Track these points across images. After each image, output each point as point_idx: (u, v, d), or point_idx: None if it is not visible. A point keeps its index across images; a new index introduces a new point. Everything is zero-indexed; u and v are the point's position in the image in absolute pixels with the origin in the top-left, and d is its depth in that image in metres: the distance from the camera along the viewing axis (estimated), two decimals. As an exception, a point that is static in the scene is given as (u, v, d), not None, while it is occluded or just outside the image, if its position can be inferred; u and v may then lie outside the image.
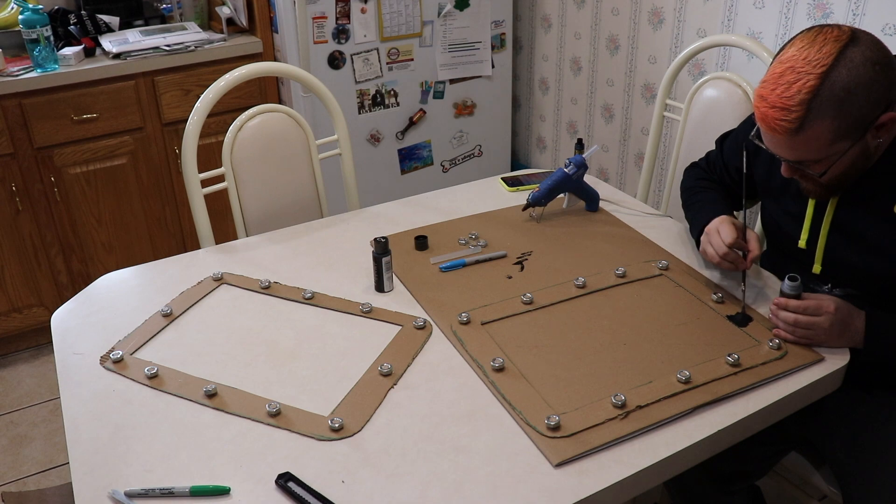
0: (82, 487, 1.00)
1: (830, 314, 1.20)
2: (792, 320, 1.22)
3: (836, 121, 1.10)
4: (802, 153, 1.15)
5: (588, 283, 1.40)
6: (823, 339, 1.22)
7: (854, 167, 1.18)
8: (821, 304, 1.21)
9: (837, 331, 1.21)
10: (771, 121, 1.13)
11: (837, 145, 1.13)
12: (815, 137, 1.12)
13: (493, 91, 2.94)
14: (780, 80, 1.11)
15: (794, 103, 1.09)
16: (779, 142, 1.15)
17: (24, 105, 2.27)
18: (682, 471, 1.08)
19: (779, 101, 1.11)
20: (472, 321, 1.30)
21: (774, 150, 1.19)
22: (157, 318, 1.34)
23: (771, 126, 1.13)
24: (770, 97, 1.12)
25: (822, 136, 1.11)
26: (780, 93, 1.11)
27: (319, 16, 2.50)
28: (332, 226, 1.67)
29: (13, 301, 2.47)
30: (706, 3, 2.20)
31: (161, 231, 2.65)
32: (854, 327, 1.22)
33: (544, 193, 1.62)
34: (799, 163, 1.18)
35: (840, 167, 1.17)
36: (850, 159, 1.16)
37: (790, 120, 1.10)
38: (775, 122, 1.12)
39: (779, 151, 1.18)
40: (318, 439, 1.07)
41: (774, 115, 1.12)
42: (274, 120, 1.78)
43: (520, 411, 1.10)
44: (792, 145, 1.14)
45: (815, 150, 1.14)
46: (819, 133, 1.11)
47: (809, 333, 1.21)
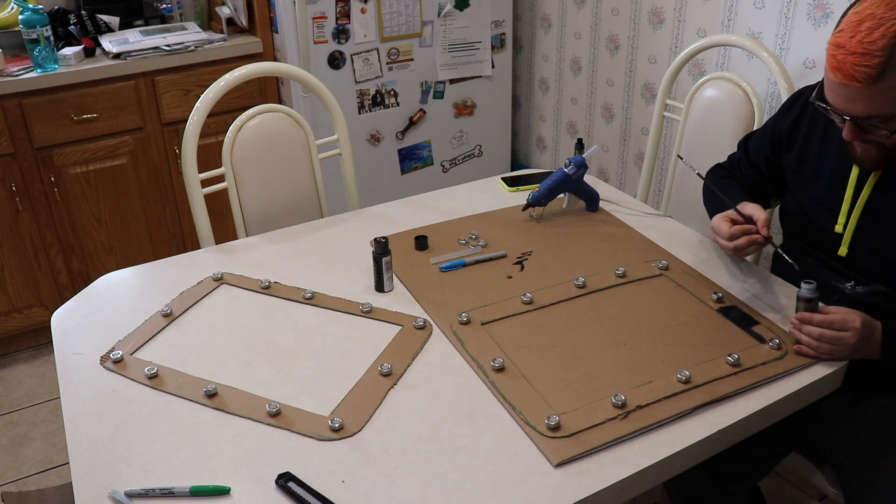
0: (82, 487, 1.00)
1: (857, 329, 1.17)
2: (817, 335, 1.18)
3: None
4: (877, 106, 1.10)
5: (588, 283, 1.40)
6: (848, 354, 1.19)
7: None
8: (846, 318, 1.18)
9: (861, 346, 1.19)
10: (850, 67, 1.08)
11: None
12: (892, 87, 1.07)
13: (493, 91, 2.94)
14: (859, 27, 1.07)
15: (877, 48, 1.05)
16: (853, 93, 1.10)
17: (24, 105, 2.27)
18: (682, 471, 1.08)
19: (860, 46, 1.06)
20: (472, 321, 1.30)
21: (845, 104, 1.13)
22: (157, 318, 1.34)
23: (849, 74, 1.08)
24: (849, 44, 1.08)
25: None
26: (860, 38, 1.06)
27: (319, 16, 2.50)
28: (332, 226, 1.67)
29: (13, 301, 2.47)
30: (706, 3, 2.20)
31: (161, 231, 2.65)
32: (874, 340, 1.20)
33: (544, 193, 1.62)
34: (869, 119, 1.13)
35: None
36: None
37: (872, 66, 1.06)
38: (855, 68, 1.07)
39: (850, 105, 1.13)
40: (318, 439, 1.07)
41: (854, 62, 1.07)
42: (274, 120, 1.78)
43: (520, 411, 1.10)
44: (868, 96, 1.09)
45: (891, 103, 1.09)
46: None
47: (834, 349, 1.18)
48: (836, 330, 1.17)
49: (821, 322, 1.18)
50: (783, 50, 1.99)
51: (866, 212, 1.27)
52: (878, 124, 1.14)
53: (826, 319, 1.18)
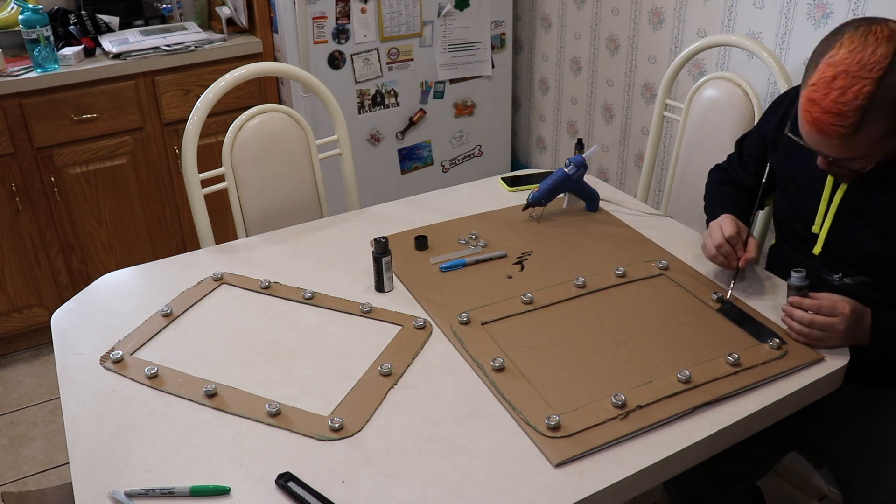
0: (82, 487, 1.00)
1: (846, 315, 1.19)
2: (808, 320, 1.20)
3: (888, 121, 1.09)
4: (852, 151, 1.14)
5: (588, 283, 1.40)
6: (838, 341, 1.21)
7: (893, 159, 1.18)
8: (835, 304, 1.20)
9: (851, 333, 1.20)
10: (825, 126, 1.11)
11: (886, 142, 1.12)
12: (868, 138, 1.11)
13: (493, 91, 2.94)
14: (833, 85, 1.09)
15: (850, 109, 1.08)
16: (829, 143, 1.14)
17: (24, 105, 2.27)
18: (682, 471, 1.08)
19: (834, 106, 1.09)
20: (473, 321, 1.30)
21: (819, 149, 1.17)
22: (157, 318, 1.34)
23: (824, 131, 1.11)
24: (824, 102, 1.10)
25: (873, 137, 1.11)
26: (834, 98, 1.09)
27: (319, 16, 2.50)
28: (332, 226, 1.67)
29: (13, 301, 2.47)
30: (706, 3, 2.20)
31: (161, 231, 2.65)
32: (864, 327, 1.22)
33: (544, 193, 1.62)
34: (844, 160, 1.17)
35: (880, 159, 1.17)
36: (891, 152, 1.16)
37: (846, 126, 1.09)
38: (830, 126, 1.10)
39: (826, 150, 1.17)
40: (318, 439, 1.07)
41: (829, 121, 1.10)
42: (274, 120, 1.78)
43: (520, 411, 1.10)
44: (842, 146, 1.13)
45: (865, 148, 1.13)
46: (871, 134, 1.10)
47: (824, 335, 1.20)
48: (825, 315, 1.19)
49: (810, 307, 1.20)
50: (783, 50, 1.99)
51: (842, 209, 1.29)
52: (851, 163, 1.17)
53: (815, 305, 1.20)
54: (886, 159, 1.19)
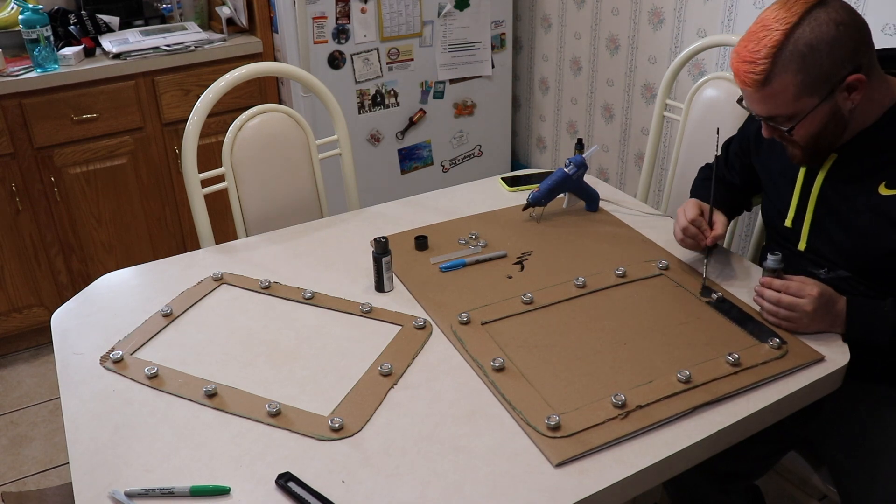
0: (82, 487, 1.00)
1: (813, 297, 1.23)
2: (775, 299, 1.25)
3: (799, 75, 1.16)
4: (771, 107, 1.21)
5: (588, 283, 1.40)
6: (806, 323, 1.24)
7: (827, 129, 1.22)
8: (803, 286, 1.24)
9: (820, 315, 1.24)
10: (742, 74, 1.20)
11: (803, 101, 1.18)
12: (782, 91, 1.18)
13: (493, 91, 2.94)
14: (751, 37, 1.19)
15: (760, 57, 1.17)
16: (749, 95, 1.22)
17: (24, 105, 2.27)
18: (682, 471, 1.08)
19: (748, 55, 1.18)
20: (473, 321, 1.30)
21: (750, 105, 1.25)
22: (157, 318, 1.34)
23: (742, 79, 1.20)
24: (742, 52, 1.20)
25: (788, 90, 1.17)
26: (750, 48, 1.18)
27: (319, 16, 2.50)
28: (332, 226, 1.67)
29: (13, 301, 2.47)
30: (706, 3, 2.20)
31: (161, 231, 2.65)
32: (836, 311, 1.25)
33: (544, 193, 1.62)
34: (771, 119, 1.23)
35: (811, 126, 1.21)
36: (820, 118, 1.20)
37: (757, 72, 1.17)
38: (745, 74, 1.19)
39: (751, 105, 1.24)
40: (318, 439, 1.07)
41: (744, 69, 1.19)
42: (274, 120, 1.78)
43: (520, 411, 1.10)
44: (761, 98, 1.20)
45: (783, 105, 1.19)
46: (784, 86, 1.17)
47: (793, 316, 1.24)
48: (792, 295, 1.24)
49: (779, 287, 1.25)
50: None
51: (819, 205, 1.32)
52: (780, 124, 1.23)
53: (784, 285, 1.25)
54: (825, 131, 1.23)
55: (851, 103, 1.19)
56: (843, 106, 1.19)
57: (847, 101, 1.19)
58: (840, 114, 1.20)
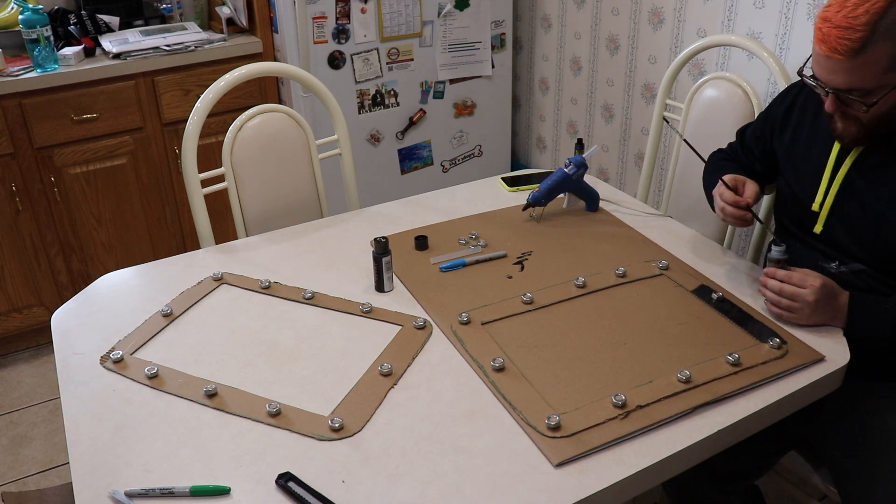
0: (82, 487, 1.00)
1: (815, 288, 1.23)
2: (777, 289, 1.25)
3: (895, 47, 1.10)
4: (857, 78, 1.15)
5: (588, 283, 1.40)
6: (808, 314, 1.24)
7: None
8: (806, 277, 1.24)
9: (822, 307, 1.24)
10: (834, 40, 1.12)
11: (890, 75, 1.13)
12: (874, 62, 1.12)
13: (493, 91, 2.94)
14: (845, 3, 1.12)
15: (859, 23, 1.10)
16: (835, 65, 1.15)
17: (24, 105, 2.27)
18: (682, 471, 1.08)
19: (844, 20, 1.11)
20: (473, 321, 1.30)
21: (828, 76, 1.18)
22: (157, 318, 1.34)
23: (833, 46, 1.13)
24: (835, 17, 1.12)
25: (880, 62, 1.12)
26: (846, 13, 1.11)
27: (319, 16, 2.50)
28: (332, 226, 1.67)
29: (13, 301, 2.47)
30: (706, 3, 2.20)
31: (161, 231, 2.65)
32: (837, 305, 1.25)
33: (544, 193, 1.62)
34: (849, 91, 1.17)
35: (887, 103, 1.17)
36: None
37: (854, 39, 1.11)
38: (838, 41, 1.12)
39: (832, 77, 1.17)
40: (318, 439, 1.07)
41: (838, 35, 1.12)
42: (274, 120, 1.78)
43: (520, 411, 1.10)
44: (849, 68, 1.14)
45: (871, 77, 1.14)
46: (878, 57, 1.12)
47: (794, 306, 1.24)
48: (795, 286, 1.24)
49: (782, 277, 1.25)
50: (783, 50, 1.99)
51: (843, 189, 1.30)
52: (857, 98, 1.18)
53: (787, 275, 1.25)
54: (891, 111, 1.18)
55: None
56: None
57: None
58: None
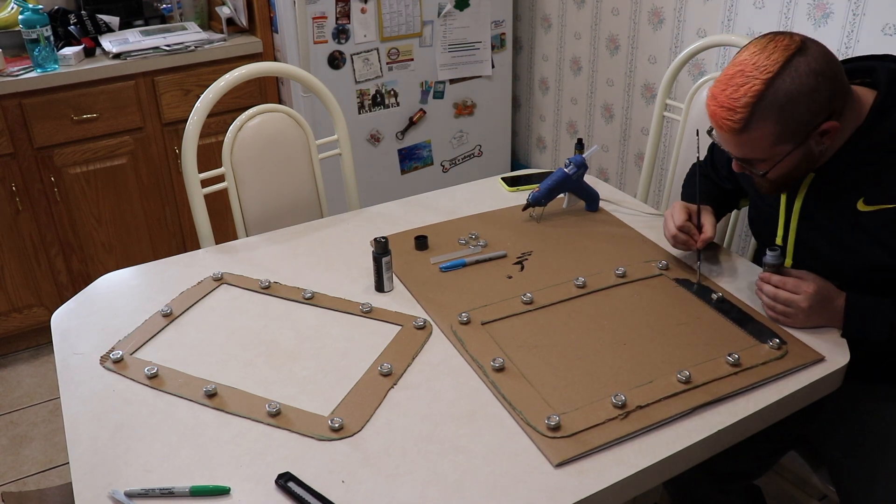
0: (82, 487, 1.00)
1: (809, 294, 1.24)
2: (772, 294, 1.27)
3: (778, 125, 1.15)
4: (747, 152, 1.21)
5: (588, 283, 1.40)
6: (802, 318, 1.25)
7: (798, 168, 1.23)
8: (800, 282, 1.25)
9: (816, 312, 1.25)
10: (719, 119, 1.18)
11: (779, 147, 1.18)
12: (759, 138, 1.17)
13: (493, 91, 2.94)
14: (730, 82, 1.16)
15: (739, 105, 1.15)
16: (726, 139, 1.21)
17: (24, 105, 2.27)
18: (682, 471, 1.08)
19: (727, 101, 1.16)
20: (473, 321, 1.30)
21: (724, 146, 1.24)
22: (157, 318, 1.34)
23: (719, 124, 1.19)
24: (720, 97, 1.18)
25: (765, 138, 1.17)
26: (728, 94, 1.16)
27: (319, 16, 2.50)
28: (332, 226, 1.67)
29: (13, 301, 2.47)
30: (706, 3, 2.20)
31: (161, 231, 2.65)
32: (833, 308, 1.25)
33: (544, 193, 1.62)
34: (745, 161, 1.24)
35: (783, 168, 1.22)
36: (793, 161, 1.21)
37: (735, 120, 1.16)
38: (722, 120, 1.18)
39: (727, 147, 1.24)
40: (318, 439, 1.07)
41: (722, 115, 1.17)
42: (274, 120, 1.78)
43: (520, 411, 1.10)
44: (737, 143, 1.20)
45: (759, 150, 1.19)
46: (762, 135, 1.16)
47: (789, 311, 1.25)
48: (789, 291, 1.25)
49: (777, 283, 1.27)
50: (783, 50, 1.99)
51: (802, 223, 1.33)
52: (754, 166, 1.24)
53: (781, 281, 1.27)
54: (795, 171, 1.23)
55: (823, 146, 1.20)
56: (815, 148, 1.20)
57: (818, 145, 1.19)
58: (811, 154, 1.21)
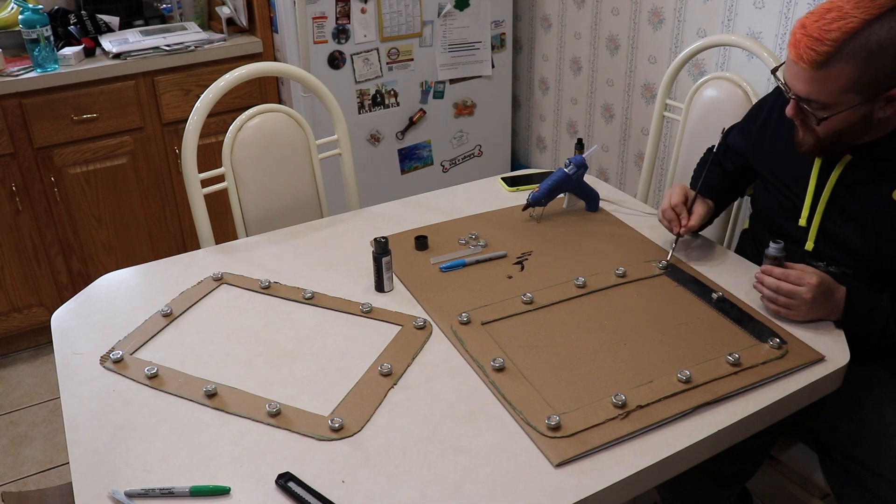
0: (82, 487, 1.00)
1: (813, 286, 1.23)
2: (774, 286, 1.26)
3: (858, 70, 1.12)
4: (816, 90, 1.17)
5: (588, 283, 1.40)
6: (805, 311, 1.25)
7: (852, 129, 1.21)
8: (803, 274, 1.25)
9: (819, 304, 1.25)
10: (802, 48, 1.15)
11: (848, 95, 1.15)
12: (834, 78, 1.14)
13: (493, 91, 2.94)
14: (825, 15, 1.14)
15: (829, 38, 1.12)
16: (799, 72, 1.18)
17: (24, 105, 2.27)
18: (682, 471, 1.08)
19: (817, 31, 1.13)
20: (473, 321, 1.30)
21: (791, 81, 1.21)
22: (157, 318, 1.34)
23: (800, 53, 1.16)
24: (810, 26, 1.15)
25: (840, 80, 1.14)
26: (821, 24, 1.13)
27: (319, 16, 2.50)
28: (332, 226, 1.67)
29: (13, 301, 2.47)
30: (706, 3, 2.20)
31: (161, 231, 2.65)
32: (834, 300, 1.26)
33: (544, 193, 1.62)
34: (807, 101, 1.20)
35: (840, 121, 1.19)
36: (851, 117, 1.18)
37: (820, 52, 1.13)
38: (806, 49, 1.14)
39: (794, 83, 1.20)
40: (318, 439, 1.07)
41: (807, 43, 1.14)
42: (274, 120, 1.78)
43: (520, 411, 1.10)
44: (810, 79, 1.17)
45: (828, 92, 1.16)
46: (839, 75, 1.14)
47: (791, 303, 1.25)
48: (792, 283, 1.24)
49: (779, 276, 1.26)
50: (783, 50, 1.99)
51: (831, 206, 1.32)
52: (813, 109, 1.20)
53: (784, 273, 1.26)
54: (848, 131, 1.21)
55: (883, 113, 1.17)
56: (876, 113, 1.17)
57: (881, 110, 1.17)
58: (870, 119, 1.18)
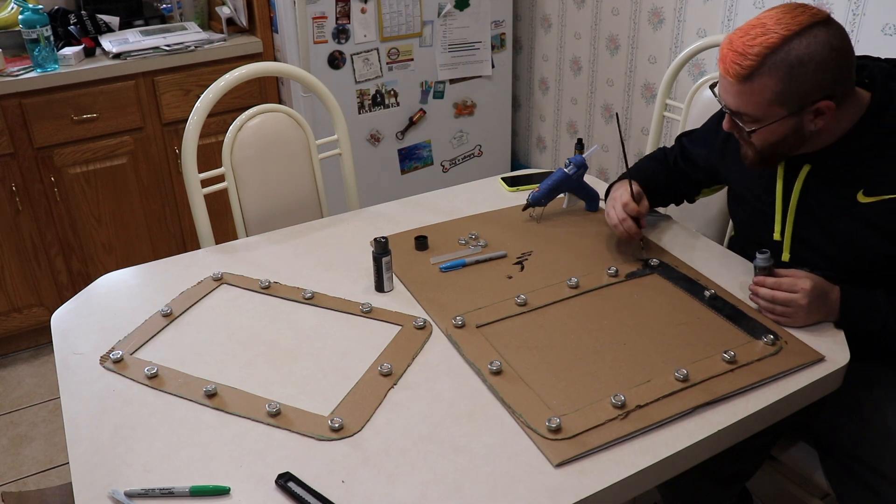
0: (82, 487, 1.00)
1: (807, 291, 1.24)
2: (769, 297, 1.27)
3: (780, 84, 1.17)
4: (743, 104, 1.22)
5: (582, 283, 1.40)
6: (803, 316, 1.26)
7: (785, 141, 1.24)
8: (795, 280, 1.26)
9: (815, 307, 1.26)
10: (728, 62, 1.20)
11: (774, 108, 1.20)
12: (758, 91, 1.19)
13: (493, 91, 2.94)
14: (750, 31, 1.20)
15: (752, 52, 1.17)
16: (728, 86, 1.23)
17: (24, 105, 2.27)
18: (682, 471, 1.08)
19: (741, 46, 1.19)
20: (468, 324, 1.30)
21: (724, 95, 1.26)
22: (157, 318, 1.34)
23: (727, 67, 1.21)
24: (736, 42, 1.20)
25: (764, 93, 1.18)
26: (745, 40, 1.19)
27: (319, 16, 2.50)
28: (332, 226, 1.67)
29: (13, 301, 2.47)
30: (706, 3, 2.20)
31: (161, 231, 2.65)
32: (830, 302, 1.27)
33: (544, 193, 1.62)
34: (738, 115, 1.25)
35: (770, 134, 1.23)
36: (782, 130, 1.22)
37: (743, 66, 1.18)
38: (731, 63, 1.20)
39: (726, 97, 1.25)
40: (318, 439, 1.07)
41: (732, 58, 1.20)
42: (274, 120, 1.78)
43: (520, 414, 1.10)
44: (737, 92, 1.22)
45: (755, 106, 1.21)
46: (762, 88, 1.18)
47: (789, 311, 1.26)
48: (786, 291, 1.26)
49: (772, 285, 1.27)
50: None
51: (800, 215, 1.34)
52: (745, 123, 1.25)
53: (776, 282, 1.27)
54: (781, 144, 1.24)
55: (814, 126, 1.21)
56: (807, 126, 1.21)
57: (811, 123, 1.21)
58: (801, 131, 1.22)
